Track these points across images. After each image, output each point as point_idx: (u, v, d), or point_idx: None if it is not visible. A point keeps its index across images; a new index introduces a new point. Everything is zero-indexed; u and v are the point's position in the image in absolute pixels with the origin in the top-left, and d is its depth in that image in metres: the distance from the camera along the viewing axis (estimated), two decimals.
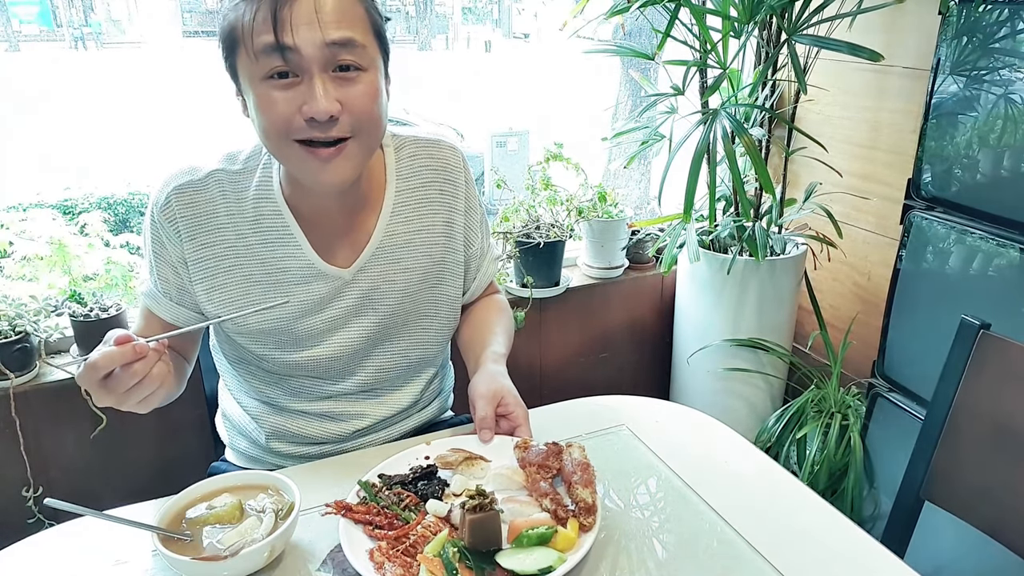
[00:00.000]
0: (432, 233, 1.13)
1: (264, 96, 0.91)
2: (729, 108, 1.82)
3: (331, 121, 0.91)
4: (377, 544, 0.82)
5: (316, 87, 0.89)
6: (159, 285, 1.06)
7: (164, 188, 1.04)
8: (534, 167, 2.15)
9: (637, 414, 1.15)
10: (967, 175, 1.55)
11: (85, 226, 1.89)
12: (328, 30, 0.89)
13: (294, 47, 0.88)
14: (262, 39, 0.88)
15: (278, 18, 0.87)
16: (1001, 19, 1.45)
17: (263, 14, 0.88)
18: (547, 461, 0.92)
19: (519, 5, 5.31)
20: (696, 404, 1.49)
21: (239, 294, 1.05)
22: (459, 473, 0.95)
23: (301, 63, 0.89)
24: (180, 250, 1.03)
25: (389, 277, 1.10)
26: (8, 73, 5.43)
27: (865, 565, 0.85)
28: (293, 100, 0.90)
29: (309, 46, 0.88)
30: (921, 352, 1.68)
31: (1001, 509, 1.06)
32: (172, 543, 0.78)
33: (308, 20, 0.88)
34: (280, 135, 0.92)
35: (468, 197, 1.17)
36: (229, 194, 1.04)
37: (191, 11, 6.53)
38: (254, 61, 0.90)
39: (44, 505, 1.12)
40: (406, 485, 0.93)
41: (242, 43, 0.90)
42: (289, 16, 0.87)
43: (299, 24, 0.88)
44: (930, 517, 1.12)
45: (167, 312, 1.07)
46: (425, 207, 1.12)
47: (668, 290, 2.38)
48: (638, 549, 0.87)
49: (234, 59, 0.94)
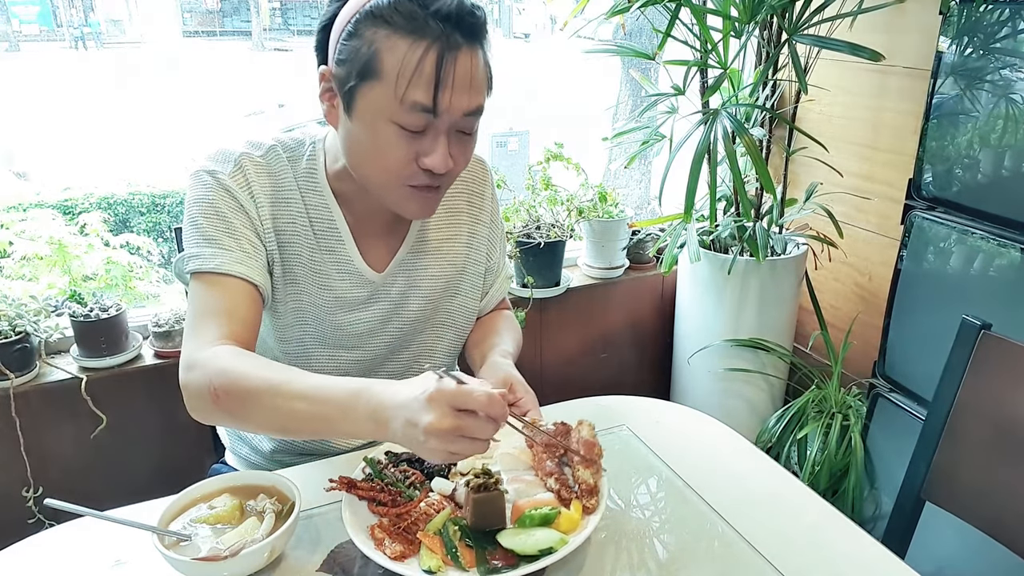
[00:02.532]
0: (457, 243, 1.14)
1: (387, 138, 0.89)
2: (730, 108, 1.81)
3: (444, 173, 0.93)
4: (379, 520, 0.82)
5: (441, 145, 0.90)
6: (247, 248, 0.98)
7: (224, 158, 0.99)
8: (534, 167, 2.15)
9: (637, 414, 1.15)
10: (968, 175, 1.55)
11: (85, 226, 1.88)
12: (473, 97, 0.89)
13: (442, 110, 0.87)
14: (416, 95, 0.86)
15: (441, 80, 0.85)
16: (1002, 19, 1.45)
17: (426, 69, 0.85)
18: (551, 440, 0.91)
19: (519, 5, 5.31)
20: (697, 404, 1.49)
21: (285, 270, 1.03)
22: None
23: (438, 124, 0.89)
24: (258, 213, 0.99)
25: (415, 282, 1.10)
26: (8, 73, 5.43)
27: (866, 565, 0.84)
28: (413, 147, 0.90)
29: (454, 111, 0.88)
30: (922, 352, 1.67)
31: (1002, 509, 1.05)
32: (172, 543, 0.77)
33: (462, 84, 0.87)
34: (391, 175, 0.92)
35: (492, 211, 1.19)
36: (285, 172, 1.02)
37: (191, 11, 6.53)
38: (395, 105, 0.87)
39: (44, 505, 1.12)
40: (412, 463, 0.92)
41: (382, 79, 0.86)
42: (451, 80, 0.86)
43: (457, 90, 0.87)
44: (931, 517, 1.12)
45: (259, 275, 0.99)
46: (454, 216, 1.14)
47: (669, 290, 2.38)
48: (639, 549, 0.87)
49: (359, 84, 0.88)
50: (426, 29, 0.85)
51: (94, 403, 1.70)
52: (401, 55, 0.85)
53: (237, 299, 0.95)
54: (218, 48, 6.94)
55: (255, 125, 5.44)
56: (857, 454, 1.86)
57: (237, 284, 0.96)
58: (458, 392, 0.73)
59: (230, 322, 0.93)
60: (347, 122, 0.92)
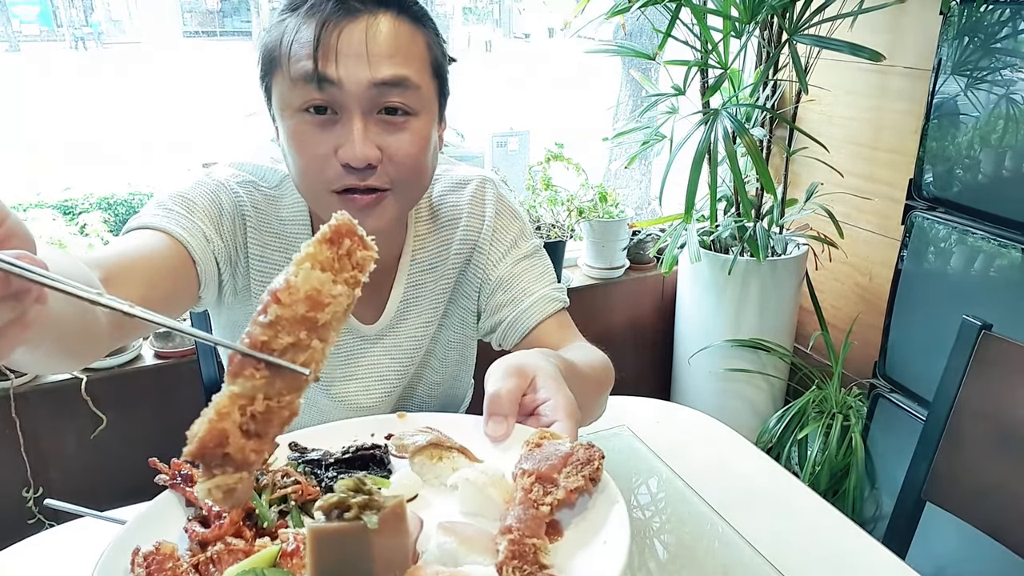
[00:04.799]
0: (450, 280, 1.02)
1: (297, 130, 0.81)
2: (730, 108, 1.81)
3: (369, 169, 0.80)
4: (159, 544, 0.53)
5: (355, 129, 0.79)
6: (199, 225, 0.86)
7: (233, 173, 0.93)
8: (535, 167, 2.15)
9: (638, 414, 1.14)
10: (968, 175, 1.55)
11: (85, 226, 1.88)
12: (378, 66, 0.78)
13: (336, 80, 0.77)
14: (301, 65, 0.77)
15: (321, 43, 0.76)
16: (1002, 19, 1.45)
17: (305, 35, 0.77)
18: (554, 471, 0.56)
19: (519, 5, 5.30)
20: (697, 404, 1.49)
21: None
22: (415, 465, 0.65)
23: (341, 100, 0.79)
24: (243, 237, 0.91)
25: (412, 333, 1.01)
26: (8, 73, 5.43)
27: (867, 566, 0.84)
28: (328, 140, 0.80)
29: (353, 82, 0.78)
30: (922, 352, 1.67)
31: (1002, 509, 1.05)
32: None
33: (356, 51, 0.77)
34: (313, 179, 0.82)
35: (497, 229, 1.02)
36: (275, 215, 0.94)
37: (191, 11, 6.53)
38: (290, 87, 0.79)
39: (44, 505, 1.12)
40: (321, 467, 0.65)
41: (280, 64, 0.80)
42: (335, 43, 0.76)
43: (346, 55, 0.77)
44: (932, 518, 1.12)
45: (200, 250, 0.85)
46: (448, 248, 1.01)
47: (669, 290, 2.37)
48: (639, 550, 0.87)
49: (270, 80, 0.83)
50: (314, 4, 0.79)
51: (94, 403, 1.69)
52: (284, 29, 0.80)
53: (155, 252, 0.80)
54: (218, 48, 6.94)
55: (255, 125, 5.45)
56: (858, 454, 1.85)
57: (167, 242, 0.81)
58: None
59: (120, 260, 0.75)
60: (278, 130, 0.85)
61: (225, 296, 0.94)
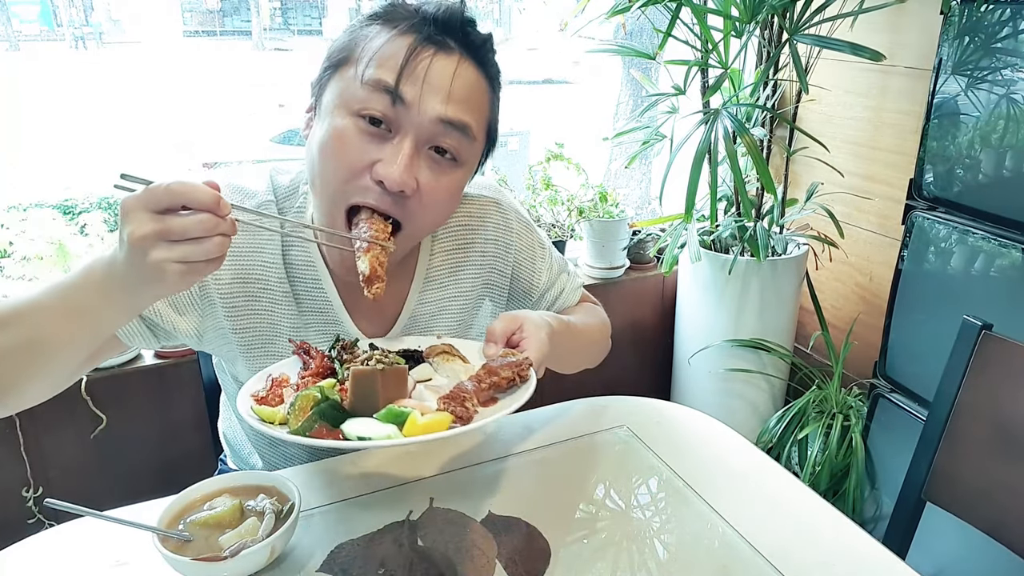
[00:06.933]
0: (468, 298, 1.05)
1: (344, 132, 0.79)
2: (730, 108, 1.81)
3: (399, 194, 0.80)
4: (281, 374, 0.84)
5: (404, 154, 0.78)
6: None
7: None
8: (535, 167, 2.15)
9: (637, 414, 1.14)
10: (969, 175, 1.55)
11: (85, 226, 1.88)
12: (452, 105, 0.79)
13: (408, 102, 0.78)
14: (380, 73, 0.77)
15: (410, 61, 0.77)
16: (1003, 19, 1.45)
17: (396, 46, 0.78)
18: (499, 368, 0.81)
19: (519, 5, 5.31)
20: (697, 405, 1.49)
21: (263, 342, 0.94)
22: (432, 361, 0.90)
23: (404, 121, 0.79)
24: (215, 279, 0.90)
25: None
26: (8, 72, 5.44)
27: (867, 566, 0.84)
28: (371, 152, 0.79)
29: (424, 110, 0.78)
30: (923, 352, 1.67)
31: (1003, 510, 1.05)
32: (172, 543, 0.77)
33: (439, 84, 0.79)
34: (339, 186, 0.81)
35: (519, 249, 1.06)
36: (268, 234, 0.93)
37: (191, 11, 6.53)
38: (357, 87, 0.78)
39: (44, 505, 1.12)
40: (382, 353, 0.87)
41: (355, 63, 0.79)
42: (424, 71, 0.78)
43: (429, 83, 0.78)
44: (932, 518, 1.12)
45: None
46: (462, 271, 1.03)
47: (669, 290, 2.37)
48: (639, 550, 0.87)
49: (332, 74, 0.82)
50: (413, 24, 0.80)
51: (94, 403, 1.70)
52: (374, 33, 0.81)
53: None
54: (218, 48, 6.95)
55: (255, 124, 5.44)
56: (858, 454, 1.85)
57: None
58: (146, 191, 0.63)
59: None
60: (314, 128, 0.85)
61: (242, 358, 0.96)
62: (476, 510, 0.90)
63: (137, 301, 0.72)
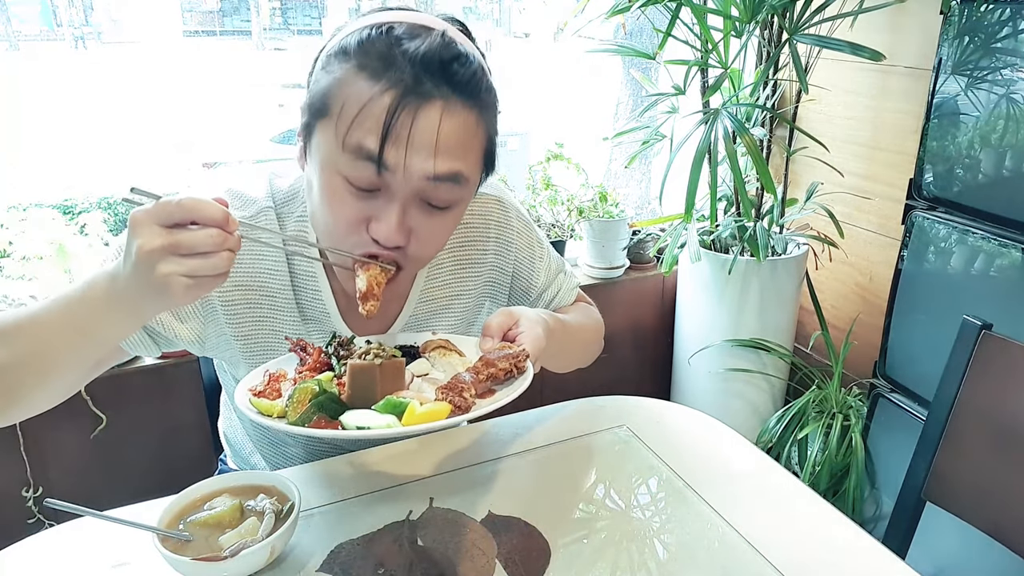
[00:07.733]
0: (470, 296, 1.05)
1: (334, 191, 0.78)
2: (730, 108, 1.81)
3: (396, 248, 0.81)
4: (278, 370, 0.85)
5: (393, 212, 0.78)
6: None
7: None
8: (535, 167, 2.15)
9: (637, 414, 1.14)
10: (969, 175, 1.55)
11: (85, 226, 1.88)
12: (440, 160, 0.76)
13: (393, 167, 0.75)
14: (363, 141, 0.74)
15: (391, 129, 0.73)
16: (1003, 19, 1.45)
17: (376, 109, 0.73)
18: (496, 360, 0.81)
19: (519, 5, 5.30)
20: (697, 404, 1.49)
21: (266, 348, 0.95)
22: (428, 356, 0.90)
23: (391, 184, 0.77)
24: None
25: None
26: (8, 72, 5.44)
27: (866, 566, 0.84)
28: (364, 210, 0.79)
29: (411, 172, 0.75)
30: (923, 352, 1.67)
31: (1003, 510, 1.05)
32: (172, 543, 0.77)
33: (425, 142, 0.74)
34: (339, 239, 0.82)
35: (519, 248, 1.07)
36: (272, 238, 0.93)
37: (191, 11, 6.53)
38: (339, 151, 0.75)
39: (44, 505, 1.12)
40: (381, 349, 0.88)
41: (336, 121, 0.75)
42: (407, 133, 0.73)
43: (413, 145, 0.74)
44: (932, 518, 1.12)
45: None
46: (465, 269, 1.04)
47: (669, 290, 2.37)
48: (639, 550, 0.87)
49: (315, 125, 0.79)
50: (391, 69, 0.73)
51: (94, 403, 1.70)
52: (353, 92, 0.74)
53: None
54: (219, 47, 6.94)
55: (255, 124, 5.44)
56: (858, 454, 1.86)
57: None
58: (157, 205, 0.64)
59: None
60: (307, 165, 0.84)
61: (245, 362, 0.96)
62: (476, 510, 0.90)
63: (141, 314, 0.73)
